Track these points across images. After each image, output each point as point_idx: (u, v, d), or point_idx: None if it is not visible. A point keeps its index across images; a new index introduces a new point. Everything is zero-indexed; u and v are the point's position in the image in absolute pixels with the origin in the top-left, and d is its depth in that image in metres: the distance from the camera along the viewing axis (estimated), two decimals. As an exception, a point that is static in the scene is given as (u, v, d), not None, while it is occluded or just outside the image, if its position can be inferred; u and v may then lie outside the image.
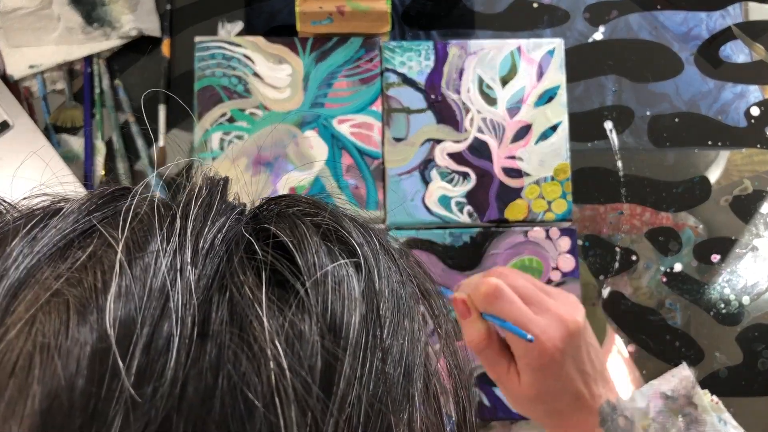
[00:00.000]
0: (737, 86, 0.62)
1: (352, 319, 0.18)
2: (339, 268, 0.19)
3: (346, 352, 0.17)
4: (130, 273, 0.17)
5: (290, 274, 0.19)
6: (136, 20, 0.61)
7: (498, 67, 0.61)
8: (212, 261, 0.18)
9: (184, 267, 0.17)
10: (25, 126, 0.58)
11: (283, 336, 0.17)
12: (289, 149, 0.59)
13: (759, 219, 0.60)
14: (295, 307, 0.18)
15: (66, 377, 0.15)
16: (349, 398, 0.17)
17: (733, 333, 0.58)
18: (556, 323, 0.42)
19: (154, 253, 0.17)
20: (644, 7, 0.64)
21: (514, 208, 0.59)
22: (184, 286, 0.17)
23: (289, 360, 0.16)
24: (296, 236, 0.20)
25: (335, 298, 0.18)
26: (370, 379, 0.18)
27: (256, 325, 0.17)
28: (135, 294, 0.16)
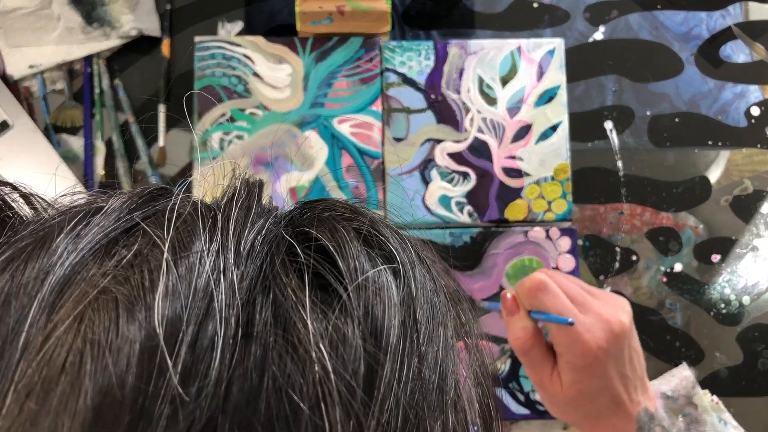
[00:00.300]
0: (737, 86, 0.62)
1: (393, 324, 0.18)
2: (379, 274, 0.19)
3: (387, 356, 0.18)
4: (176, 272, 0.17)
5: (333, 277, 0.19)
6: (135, 20, 0.61)
7: (498, 67, 0.61)
8: (254, 262, 0.18)
9: (227, 267, 0.17)
10: (24, 126, 0.58)
11: (327, 339, 0.17)
12: (289, 149, 0.59)
13: (759, 219, 0.60)
14: (338, 310, 0.18)
15: (117, 374, 0.15)
16: (388, 401, 0.17)
17: (734, 333, 0.58)
18: (600, 323, 0.42)
19: (198, 253, 0.18)
20: (644, 6, 0.64)
21: (514, 208, 0.59)
22: (227, 286, 0.17)
23: (333, 363, 0.17)
24: (337, 240, 0.20)
25: (376, 303, 0.18)
26: (408, 384, 0.18)
27: (300, 327, 0.17)
28: (181, 293, 0.16)
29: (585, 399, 0.43)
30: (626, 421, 0.43)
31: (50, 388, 0.15)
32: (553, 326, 0.43)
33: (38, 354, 0.16)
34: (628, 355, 0.43)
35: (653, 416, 0.43)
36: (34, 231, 0.19)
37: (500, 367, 0.57)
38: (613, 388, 0.42)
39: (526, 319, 0.44)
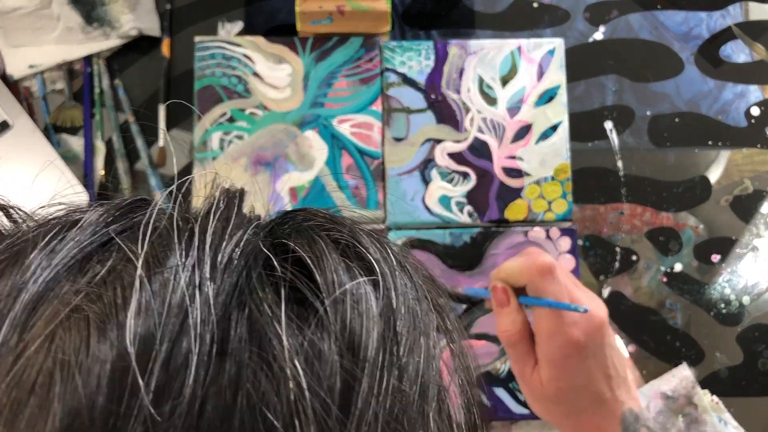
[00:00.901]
0: (737, 86, 0.62)
1: (371, 338, 0.18)
2: (358, 286, 0.19)
3: (365, 371, 0.17)
4: (150, 288, 0.17)
5: (309, 291, 0.18)
6: (135, 20, 0.61)
7: (498, 66, 0.61)
8: (231, 276, 0.18)
9: (203, 282, 0.17)
10: (24, 126, 0.58)
11: (303, 355, 0.17)
12: (289, 149, 0.59)
13: (759, 219, 0.60)
14: (315, 325, 0.18)
15: (86, 395, 0.15)
16: (366, 417, 0.17)
17: (734, 333, 0.58)
18: (581, 317, 0.42)
19: (174, 268, 0.17)
20: (644, 6, 0.64)
21: (514, 208, 0.59)
22: (203, 301, 0.17)
23: (308, 380, 0.16)
24: (315, 252, 0.19)
25: (354, 317, 0.18)
26: (387, 398, 0.18)
27: (275, 344, 0.17)
28: (154, 310, 0.16)
29: (565, 396, 0.43)
30: (610, 420, 0.43)
31: (19, 410, 0.15)
32: (540, 316, 0.42)
33: (8, 375, 0.16)
34: (609, 354, 0.43)
35: (638, 417, 0.43)
36: (9, 245, 0.19)
37: (500, 368, 0.57)
38: (595, 386, 0.42)
39: (517, 311, 0.44)
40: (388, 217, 0.59)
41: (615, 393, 0.43)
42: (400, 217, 0.58)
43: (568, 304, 0.41)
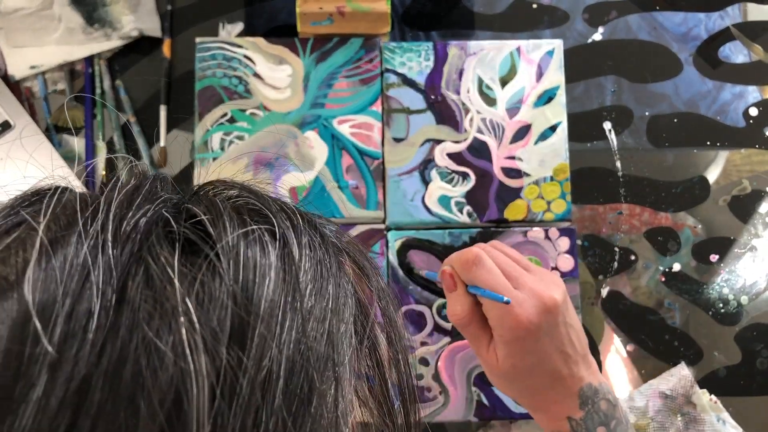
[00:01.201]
0: (736, 87, 0.63)
1: (266, 281, 0.19)
2: (251, 235, 0.20)
3: (260, 309, 0.19)
4: (51, 252, 0.18)
5: (202, 242, 0.20)
6: (136, 21, 0.61)
7: (497, 67, 0.61)
8: (133, 240, 0.19)
9: (105, 245, 0.19)
10: (26, 126, 0.58)
11: (194, 295, 0.18)
12: (289, 149, 0.59)
13: (757, 219, 0.60)
14: (206, 269, 0.19)
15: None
16: (268, 353, 0.18)
17: (732, 333, 0.59)
18: (531, 298, 0.43)
19: (76, 233, 0.19)
20: (643, 7, 0.64)
21: (513, 208, 0.59)
22: (105, 261, 0.18)
23: (198, 314, 0.18)
24: (211, 212, 0.21)
25: (247, 262, 0.20)
26: (290, 337, 0.19)
27: (168, 288, 0.18)
28: (56, 269, 0.18)
29: (521, 374, 0.43)
30: (567, 395, 0.43)
31: None
32: (487, 301, 0.43)
33: None
34: (564, 332, 0.44)
35: (597, 390, 0.44)
36: None
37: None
38: (551, 364, 0.43)
39: (464, 296, 0.45)
40: (388, 217, 0.59)
41: (572, 369, 0.43)
42: (400, 217, 0.59)
43: (494, 294, 0.42)
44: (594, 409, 0.43)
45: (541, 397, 0.44)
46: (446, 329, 0.57)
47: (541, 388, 0.44)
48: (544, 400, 0.44)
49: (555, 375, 0.43)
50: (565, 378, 0.43)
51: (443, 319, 0.57)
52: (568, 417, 0.43)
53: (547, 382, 0.43)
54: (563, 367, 0.43)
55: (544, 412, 0.45)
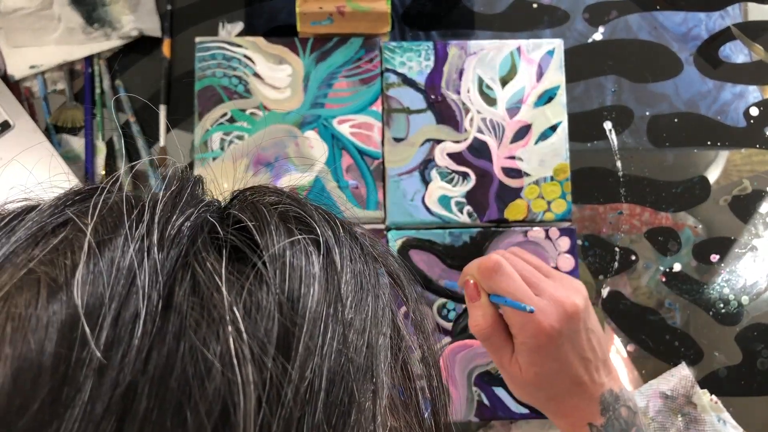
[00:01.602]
0: (736, 86, 0.63)
1: (311, 291, 0.19)
2: (297, 244, 0.20)
3: (305, 319, 0.19)
4: (99, 254, 0.18)
5: (249, 250, 0.20)
6: (136, 21, 0.61)
7: (498, 67, 0.61)
8: (178, 244, 0.19)
9: (151, 249, 0.19)
10: (25, 126, 0.58)
11: (241, 304, 0.18)
12: (289, 149, 0.59)
13: (758, 219, 0.60)
14: (253, 278, 0.19)
15: (35, 341, 0.16)
16: (310, 364, 0.18)
17: (733, 333, 0.59)
18: (552, 305, 0.43)
19: (123, 236, 0.19)
20: (644, 7, 0.64)
21: (513, 208, 0.59)
22: (150, 265, 0.18)
23: (246, 324, 0.18)
24: (257, 218, 0.21)
25: (293, 272, 0.20)
26: (332, 348, 0.19)
27: (215, 295, 0.18)
28: (103, 272, 0.18)
29: (544, 381, 0.43)
30: (589, 401, 0.43)
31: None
32: (509, 309, 0.43)
33: None
34: (585, 337, 0.44)
35: (618, 397, 0.44)
36: None
37: (500, 367, 0.57)
38: (573, 371, 0.43)
39: (487, 306, 0.45)
40: (388, 217, 0.59)
41: (593, 376, 0.43)
42: (400, 217, 0.59)
43: (517, 304, 0.42)
44: (615, 415, 0.43)
45: (562, 404, 0.44)
46: (446, 329, 0.57)
47: (563, 395, 0.44)
48: (566, 406, 0.44)
49: (576, 381, 0.43)
50: (587, 384, 0.43)
51: (443, 319, 0.57)
52: (589, 423, 0.43)
53: (569, 389, 0.43)
54: (584, 373, 0.43)
55: (566, 418, 0.45)
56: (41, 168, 0.57)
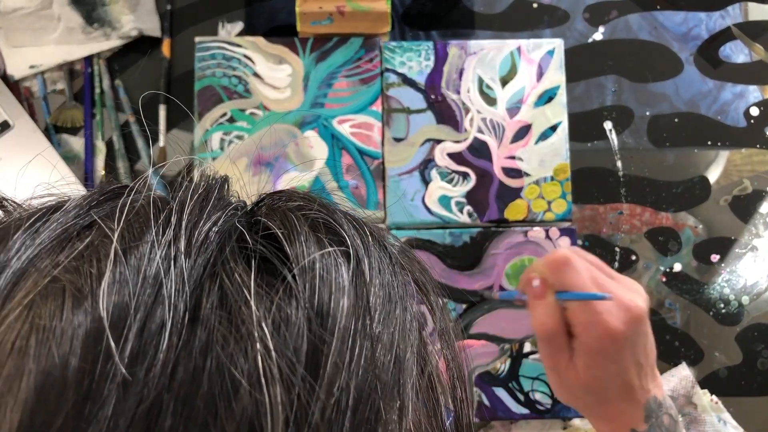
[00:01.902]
0: (737, 86, 0.63)
1: (340, 305, 0.19)
2: (327, 257, 0.20)
3: (333, 336, 0.18)
4: (125, 261, 0.18)
5: (279, 261, 0.19)
6: (136, 20, 0.61)
7: (498, 67, 0.61)
8: (205, 251, 0.19)
9: (177, 256, 0.18)
10: (25, 126, 0.58)
11: (270, 319, 0.18)
12: (289, 149, 0.59)
13: (758, 219, 0.60)
14: (282, 292, 0.18)
15: (59, 355, 0.16)
16: (337, 382, 0.18)
17: (733, 333, 0.58)
18: (618, 306, 0.42)
19: (149, 243, 0.18)
20: (644, 7, 0.64)
21: (513, 208, 0.59)
22: (177, 274, 0.18)
23: (275, 341, 0.17)
24: (286, 227, 0.20)
25: (323, 285, 0.19)
26: (360, 365, 0.18)
27: (244, 310, 0.18)
28: (129, 281, 0.17)
29: (598, 384, 0.43)
30: (635, 407, 0.43)
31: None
32: (575, 307, 0.42)
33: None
34: (642, 342, 0.43)
35: (661, 404, 0.43)
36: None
37: (499, 367, 0.57)
38: (626, 374, 0.42)
39: (553, 304, 0.44)
40: (388, 217, 0.59)
41: (642, 381, 0.43)
42: (400, 217, 0.58)
43: (593, 294, 0.41)
44: (657, 422, 0.43)
45: (610, 408, 0.44)
46: (446, 329, 0.57)
47: (613, 399, 0.43)
48: (613, 410, 0.44)
49: (627, 386, 0.43)
50: (636, 389, 0.43)
51: (443, 320, 0.57)
52: (632, 429, 0.43)
53: (619, 393, 0.43)
54: (635, 378, 0.43)
55: (610, 423, 0.44)
56: (40, 168, 0.57)
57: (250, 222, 0.21)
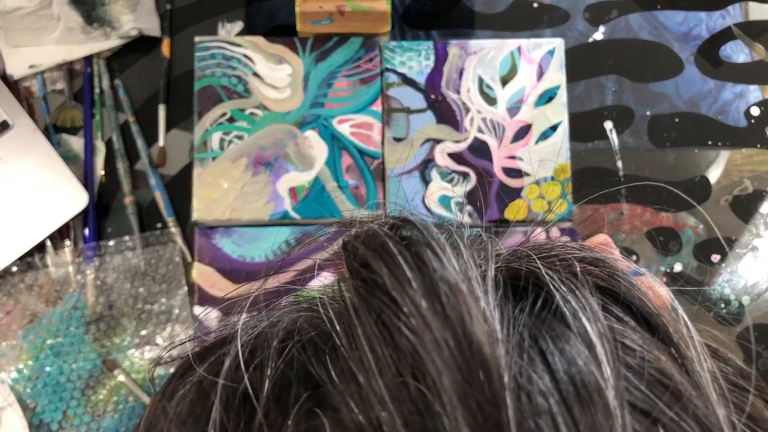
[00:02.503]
0: (737, 86, 0.62)
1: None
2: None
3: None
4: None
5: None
6: (136, 20, 0.61)
7: (498, 67, 0.61)
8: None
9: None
10: (25, 126, 0.58)
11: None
12: (289, 149, 0.59)
13: (759, 219, 0.60)
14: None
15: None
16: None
17: (733, 333, 0.58)
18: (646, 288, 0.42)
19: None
20: (644, 6, 0.64)
21: (514, 208, 0.59)
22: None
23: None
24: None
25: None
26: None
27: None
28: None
29: None
30: None
31: None
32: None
33: None
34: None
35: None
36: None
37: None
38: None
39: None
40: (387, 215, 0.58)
41: None
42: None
43: (635, 270, 0.41)
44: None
45: None
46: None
47: None
48: None
49: None
50: None
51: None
52: None
53: None
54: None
55: None
56: (40, 168, 0.57)
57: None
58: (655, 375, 0.17)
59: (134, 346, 0.56)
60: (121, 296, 0.56)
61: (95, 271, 0.57)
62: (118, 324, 0.56)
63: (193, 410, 0.18)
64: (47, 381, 0.54)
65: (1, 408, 0.53)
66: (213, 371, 0.18)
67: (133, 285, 0.57)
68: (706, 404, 0.16)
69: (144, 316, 0.56)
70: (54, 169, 0.57)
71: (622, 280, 0.19)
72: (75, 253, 0.57)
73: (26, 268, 0.56)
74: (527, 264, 0.19)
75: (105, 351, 0.55)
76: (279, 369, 0.17)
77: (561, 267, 0.19)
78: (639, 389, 0.16)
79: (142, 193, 0.59)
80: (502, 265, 0.19)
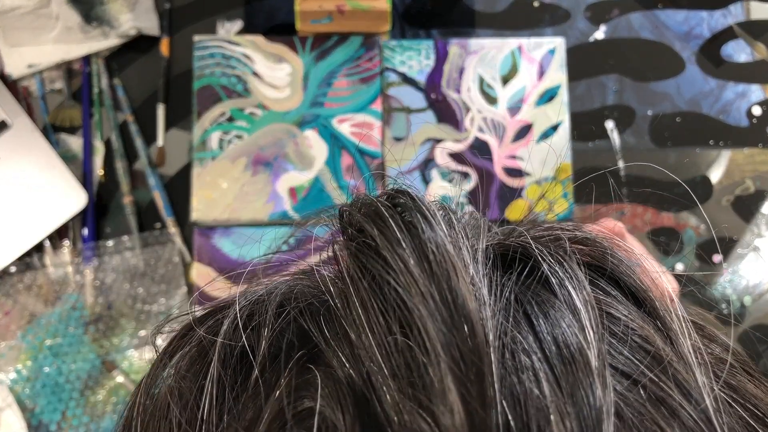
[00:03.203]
0: (739, 85, 0.62)
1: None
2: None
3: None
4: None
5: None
6: (134, 19, 0.60)
7: (499, 66, 0.61)
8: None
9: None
10: (23, 125, 0.58)
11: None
12: (288, 149, 0.59)
13: (761, 219, 0.60)
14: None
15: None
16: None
17: (735, 333, 0.58)
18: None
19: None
20: (645, 6, 0.63)
21: (514, 208, 0.59)
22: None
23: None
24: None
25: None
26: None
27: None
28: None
29: None
30: None
31: None
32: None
33: None
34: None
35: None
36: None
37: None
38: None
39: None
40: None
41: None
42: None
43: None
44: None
45: None
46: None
47: None
48: None
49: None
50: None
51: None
52: None
53: None
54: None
55: None
56: (39, 167, 0.56)
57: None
58: (638, 341, 0.17)
59: (133, 346, 0.56)
60: (120, 296, 0.56)
61: (94, 272, 0.56)
62: (116, 324, 0.56)
63: (192, 366, 0.19)
64: (46, 381, 0.54)
65: (0, 409, 0.53)
66: (212, 332, 0.19)
67: (132, 285, 0.56)
68: (687, 370, 0.16)
69: (143, 316, 0.56)
70: (53, 169, 0.57)
71: (610, 257, 0.20)
72: (74, 253, 0.57)
73: (25, 268, 0.56)
74: (517, 240, 0.20)
75: (104, 351, 0.55)
76: (276, 330, 0.18)
77: (551, 242, 0.20)
78: (621, 353, 0.17)
79: (141, 192, 0.59)
80: (493, 242, 0.20)
